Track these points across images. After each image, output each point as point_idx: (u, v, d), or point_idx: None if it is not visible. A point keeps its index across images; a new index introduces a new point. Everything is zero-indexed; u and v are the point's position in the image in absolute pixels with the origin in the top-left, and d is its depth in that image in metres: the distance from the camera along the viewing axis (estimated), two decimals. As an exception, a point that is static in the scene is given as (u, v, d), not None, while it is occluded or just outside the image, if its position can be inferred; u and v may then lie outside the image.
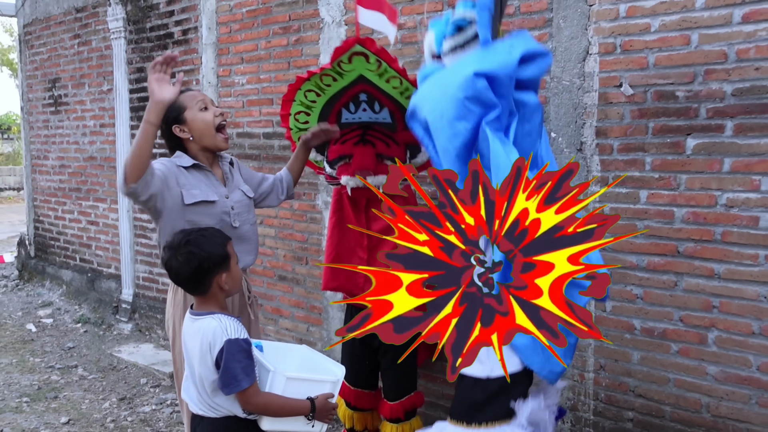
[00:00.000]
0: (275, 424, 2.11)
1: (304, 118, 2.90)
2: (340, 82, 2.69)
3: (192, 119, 2.50)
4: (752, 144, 2.50)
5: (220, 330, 2.02)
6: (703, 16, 2.57)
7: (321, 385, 2.17)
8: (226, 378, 2.00)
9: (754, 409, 2.57)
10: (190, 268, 2.08)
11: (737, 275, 2.57)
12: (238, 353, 2.01)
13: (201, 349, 2.04)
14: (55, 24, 6.30)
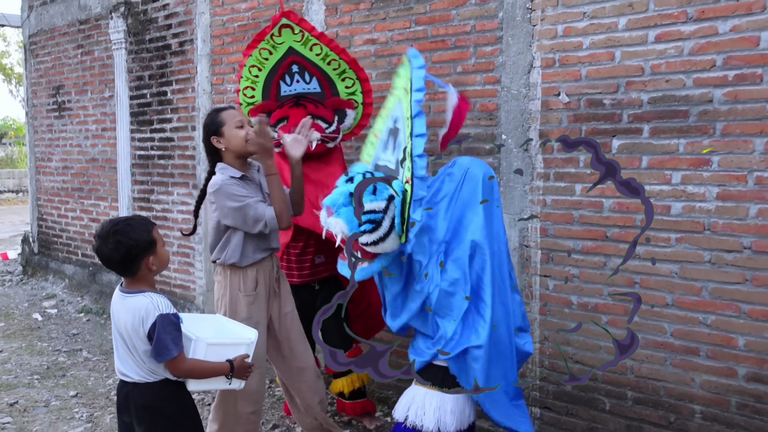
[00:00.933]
0: (200, 384, 2.40)
1: (251, 93, 3.45)
2: (275, 55, 3.31)
3: (228, 134, 2.93)
4: (664, 144, 2.96)
5: (153, 306, 2.23)
6: (624, 36, 3.03)
7: (237, 347, 2.43)
8: (159, 348, 2.22)
9: (669, 369, 3.02)
10: (119, 255, 2.25)
11: (654, 255, 3.02)
12: (169, 326, 2.23)
13: (134, 322, 2.24)
14: (59, 35, 6.74)
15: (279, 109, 3.40)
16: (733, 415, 2.86)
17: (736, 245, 2.81)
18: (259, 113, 3.38)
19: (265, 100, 3.43)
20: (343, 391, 3.62)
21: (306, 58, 3.33)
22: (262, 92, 3.43)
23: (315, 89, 3.41)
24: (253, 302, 2.98)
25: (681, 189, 2.93)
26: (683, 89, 2.89)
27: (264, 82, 3.39)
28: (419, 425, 2.41)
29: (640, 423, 3.11)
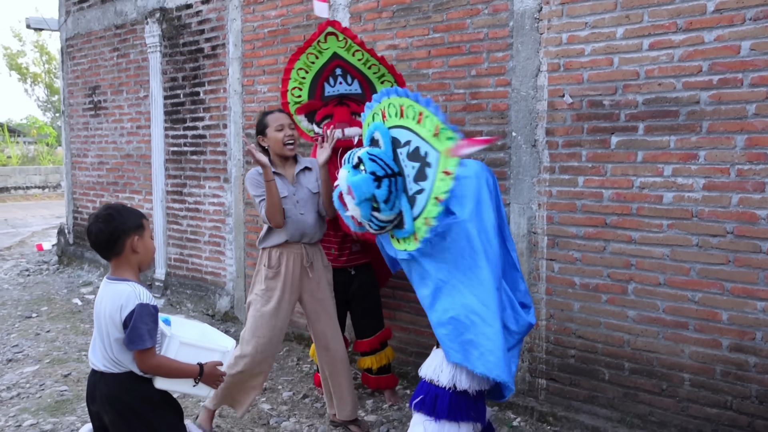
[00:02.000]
0: (166, 383, 2.32)
1: (298, 93, 3.85)
2: (320, 59, 3.72)
3: (270, 135, 3.45)
4: (657, 140, 3.32)
5: (134, 294, 2.22)
6: (621, 44, 3.39)
7: (211, 353, 2.40)
8: (133, 336, 2.18)
9: (661, 342, 3.38)
10: (107, 231, 2.27)
11: (648, 240, 3.38)
12: (147, 316, 2.20)
13: (112, 308, 2.22)
14: (96, 38, 7.16)
15: (324, 108, 3.79)
16: (718, 382, 3.22)
17: (720, 230, 3.16)
18: (305, 111, 3.81)
19: (311, 100, 3.82)
20: (371, 367, 3.98)
21: (349, 62, 3.71)
22: (308, 92, 3.82)
23: (356, 90, 3.79)
24: (273, 277, 3.44)
25: (672, 180, 3.28)
26: (674, 92, 3.24)
27: (310, 83, 3.79)
28: (436, 381, 2.79)
29: (636, 391, 3.47)
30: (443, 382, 2.77)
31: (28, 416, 3.78)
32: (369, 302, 3.96)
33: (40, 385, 4.26)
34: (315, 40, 3.63)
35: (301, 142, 4.97)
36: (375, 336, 3.98)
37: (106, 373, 2.27)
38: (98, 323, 2.29)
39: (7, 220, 13.14)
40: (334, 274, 3.79)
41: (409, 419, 3.71)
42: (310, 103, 3.84)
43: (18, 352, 4.92)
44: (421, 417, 2.80)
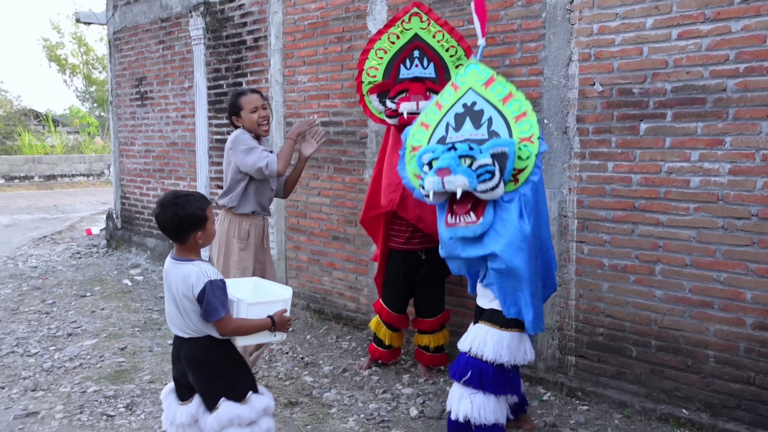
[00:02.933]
0: (246, 339, 2.69)
1: (373, 72, 4.05)
2: (401, 39, 3.96)
3: (244, 116, 3.75)
4: (685, 127, 3.45)
5: (202, 273, 2.50)
6: (651, 34, 3.52)
7: (275, 305, 2.71)
8: (209, 310, 2.49)
9: (687, 320, 3.52)
10: (173, 224, 2.54)
11: (675, 223, 3.52)
12: (217, 290, 2.50)
13: (184, 288, 2.51)
14: (142, 32, 7.48)
15: (400, 84, 3.96)
16: (742, 359, 3.36)
17: (745, 213, 3.29)
18: (377, 91, 4.01)
19: (385, 80, 4.01)
20: (428, 345, 4.19)
21: (428, 44, 3.92)
22: (384, 72, 4.02)
23: (430, 74, 3.97)
24: (244, 249, 3.75)
25: (698, 165, 3.41)
26: (701, 80, 3.37)
27: (387, 63, 4.00)
28: (480, 355, 2.99)
29: (662, 367, 3.62)
30: (487, 356, 2.97)
31: (91, 384, 4.09)
32: (435, 286, 4.14)
33: (99, 356, 4.59)
34: (399, 20, 3.89)
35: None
36: (436, 318, 4.18)
37: (188, 338, 2.60)
38: (172, 297, 2.58)
39: (56, 206, 13.70)
40: (405, 257, 4.05)
41: (443, 393, 3.94)
42: (384, 82, 4.01)
43: (76, 327, 5.26)
44: (468, 390, 3.00)
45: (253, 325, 2.62)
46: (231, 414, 2.59)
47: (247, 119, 3.72)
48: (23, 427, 3.53)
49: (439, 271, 4.10)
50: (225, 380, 2.63)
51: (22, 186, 18.20)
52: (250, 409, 2.64)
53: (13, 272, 7.32)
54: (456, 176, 2.81)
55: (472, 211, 2.94)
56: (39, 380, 4.16)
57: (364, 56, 4.03)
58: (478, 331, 3.08)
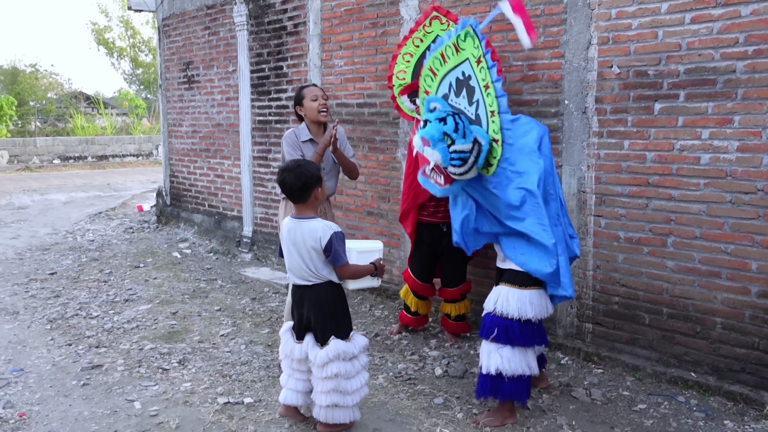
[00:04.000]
0: (355, 283, 3.27)
1: (403, 75, 4.40)
2: (425, 42, 4.27)
3: (306, 105, 4.07)
4: (696, 107, 3.64)
5: (327, 227, 3.07)
6: (665, 19, 3.71)
7: (374, 253, 3.31)
8: (336, 257, 3.08)
9: (697, 290, 3.74)
10: (300, 182, 3.09)
11: (686, 197, 3.73)
12: (340, 241, 3.09)
13: (312, 241, 3.05)
14: (189, 18, 7.88)
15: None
16: (747, 325, 3.57)
17: (752, 188, 3.48)
18: (408, 92, 4.35)
19: (414, 80, 4.33)
20: (450, 313, 4.52)
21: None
22: (412, 73, 4.35)
23: None
24: None
25: (709, 143, 3.61)
26: (712, 62, 3.55)
27: (414, 65, 4.33)
28: (505, 313, 3.28)
29: (672, 333, 3.85)
30: (512, 314, 3.26)
31: (147, 342, 4.53)
32: (455, 258, 4.42)
33: (153, 319, 5.03)
34: (421, 25, 4.20)
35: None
36: (457, 288, 4.49)
37: (311, 285, 3.14)
38: (299, 253, 3.11)
39: (109, 184, 14.42)
40: (429, 229, 4.39)
41: (467, 356, 4.26)
42: (413, 83, 4.33)
43: (132, 294, 5.73)
44: (495, 345, 3.28)
45: (362, 269, 3.20)
46: (338, 349, 3.11)
47: (309, 107, 4.05)
48: (90, 377, 3.97)
49: None
50: (336, 320, 3.16)
51: (77, 166, 19.09)
52: (353, 345, 3.17)
53: (72, 245, 7.88)
54: (433, 151, 3.13)
55: (444, 176, 3.29)
56: (101, 339, 4.62)
57: (393, 62, 4.37)
58: (500, 293, 3.35)
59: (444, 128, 3.12)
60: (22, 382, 3.91)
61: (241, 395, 3.67)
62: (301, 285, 3.18)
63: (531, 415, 3.46)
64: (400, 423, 3.38)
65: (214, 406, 3.56)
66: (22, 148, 18.81)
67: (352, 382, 3.15)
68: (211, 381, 3.89)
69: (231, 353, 4.33)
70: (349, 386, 3.14)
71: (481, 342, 3.38)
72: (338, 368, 3.10)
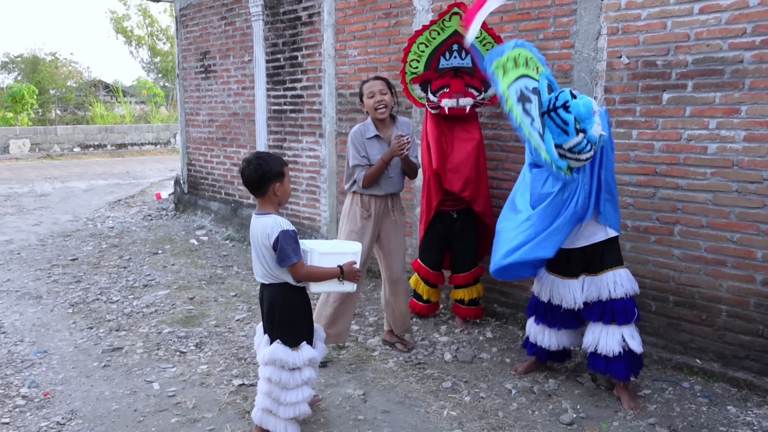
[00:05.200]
0: (319, 286, 3.04)
1: (416, 65, 4.44)
2: (442, 35, 4.34)
3: (365, 101, 4.03)
4: (704, 97, 3.68)
5: (276, 224, 2.89)
6: (674, 9, 3.74)
7: (344, 256, 3.05)
8: (282, 256, 2.88)
9: (702, 278, 3.79)
10: (257, 175, 2.93)
11: (693, 187, 3.77)
12: (289, 239, 2.88)
13: (262, 237, 2.91)
14: (206, 8, 7.98)
15: (441, 79, 4.35)
16: (752, 313, 3.62)
17: (758, 177, 3.52)
18: (419, 81, 4.43)
19: (426, 71, 4.40)
20: (463, 298, 4.62)
21: None
22: (425, 64, 4.41)
23: (468, 64, 4.35)
24: (367, 218, 4.03)
25: (716, 133, 3.65)
26: (720, 52, 3.58)
27: (428, 56, 4.39)
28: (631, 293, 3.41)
29: (678, 321, 3.91)
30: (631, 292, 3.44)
31: (165, 326, 4.67)
32: (467, 243, 4.54)
33: (171, 304, 5.17)
34: (441, 19, 4.27)
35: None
36: (469, 272, 4.59)
37: (269, 284, 3.03)
38: (255, 248, 2.99)
39: (128, 172, 14.63)
40: (440, 217, 4.47)
41: (476, 341, 4.35)
42: (425, 74, 4.41)
43: (151, 279, 5.88)
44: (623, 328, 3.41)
45: (323, 272, 2.99)
46: (275, 355, 2.97)
47: (367, 105, 4.00)
48: (111, 358, 4.12)
49: (470, 229, 4.51)
50: (284, 325, 3.02)
51: (96, 154, 19.36)
52: (295, 356, 3.00)
53: (93, 232, 8.06)
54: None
55: None
56: (121, 322, 4.77)
57: (407, 49, 4.41)
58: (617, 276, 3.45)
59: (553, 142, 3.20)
60: (46, 363, 4.06)
61: (255, 378, 3.79)
62: (262, 283, 3.08)
63: (537, 398, 3.55)
64: (408, 405, 3.48)
65: (230, 387, 3.68)
66: (44, 136, 19.11)
67: (288, 394, 3.01)
68: (227, 364, 4.01)
69: (246, 337, 4.46)
70: (284, 397, 3.00)
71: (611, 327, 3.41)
72: (271, 373, 2.99)
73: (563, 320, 3.61)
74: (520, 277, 3.65)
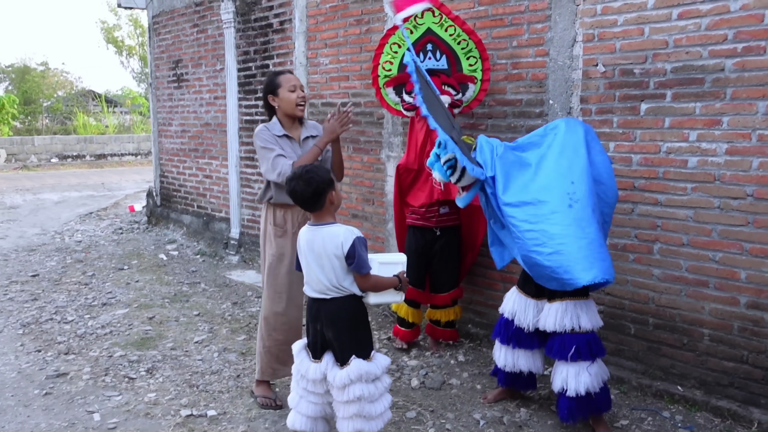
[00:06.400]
0: (378, 297, 2.93)
1: (389, 66, 4.19)
2: (414, 34, 4.07)
3: (282, 95, 3.51)
4: (684, 107, 3.46)
5: (349, 232, 2.78)
6: (652, 14, 3.53)
7: (396, 266, 2.98)
8: (360, 263, 2.76)
9: (684, 299, 3.56)
10: (311, 189, 2.80)
11: (673, 202, 3.55)
12: (363, 246, 2.79)
13: (333, 246, 2.76)
14: (178, 15, 7.74)
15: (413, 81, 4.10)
16: (735, 337, 3.39)
17: (741, 193, 3.30)
18: (393, 84, 4.15)
19: (400, 73, 4.14)
20: (439, 319, 4.33)
21: (440, 38, 4.06)
22: (399, 66, 4.15)
23: (443, 66, 4.11)
24: (281, 236, 3.53)
25: (696, 145, 3.43)
26: (700, 60, 3.37)
27: (402, 57, 4.12)
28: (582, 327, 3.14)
29: (659, 345, 3.68)
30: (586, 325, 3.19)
31: (118, 349, 4.39)
32: (448, 262, 4.25)
33: (128, 324, 4.90)
34: (412, 16, 3.99)
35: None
36: (449, 293, 4.29)
37: (329, 298, 2.85)
38: (318, 262, 2.82)
39: (103, 184, 14.31)
40: (422, 232, 4.18)
41: (446, 365, 4.10)
42: (399, 76, 4.15)
43: (111, 297, 5.60)
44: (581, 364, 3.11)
45: (386, 282, 2.90)
46: (360, 370, 2.83)
47: (285, 99, 3.50)
48: (53, 385, 3.84)
49: (453, 248, 4.24)
50: (357, 338, 2.89)
51: (74, 165, 19.02)
52: (375, 366, 2.89)
53: (59, 246, 7.77)
54: (435, 173, 3.26)
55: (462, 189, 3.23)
56: (72, 345, 4.49)
57: (379, 50, 4.16)
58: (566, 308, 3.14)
59: (435, 150, 3.20)
60: (-16, 390, 3.78)
61: (206, 407, 3.53)
62: (318, 298, 2.88)
63: (507, 430, 3.30)
64: (367, 438, 3.22)
65: (176, 418, 3.41)
66: (20, 146, 18.79)
67: (375, 406, 2.88)
68: (177, 391, 3.74)
69: (202, 361, 4.19)
70: (373, 410, 2.86)
71: (556, 363, 3.20)
72: (361, 390, 2.83)
73: (517, 337, 3.35)
74: None
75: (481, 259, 4.44)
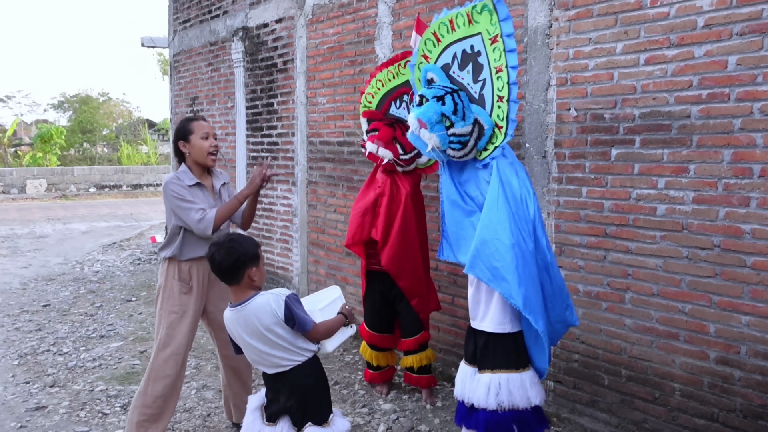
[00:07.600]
0: (333, 341, 2.87)
1: (370, 99, 4.27)
2: (395, 81, 4.16)
3: (194, 142, 3.36)
4: (652, 153, 3.39)
5: (275, 297, 2.64)
6: (620, 59, 3.48)
7: (335, 303, 2.98)
8: (302, 322, 2.67)
9: (654, 351, 3.44)
10: (230, 260, 2.63)
11: (643, 251, 3.45)
12: (296, 303, 2.67)
13: (268, 318, 2.62)
14: (195, 54, 8.00)
15: (378, 121, 4.17)
16: (706, 393, 3.24)
17: (708, 243, 3.19)
18: (368, 116, 4.24)
19: (376, 110, 4.23)
20: (412, 366, 4.21)
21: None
22: (377, 103, 4.24)
23: None
24: (187, 293, 3.35)
25: (665, 193, 3.34)
26: (667, 105, 3.30)
27: (381, 96, 4.22)
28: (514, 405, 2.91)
29: (631, 398, 3.54)
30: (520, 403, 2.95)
31: (101, 383, 4.48)
32: (409, 306, 4.15)
33: (119, 358, 4.99)
34: (397, 62, 4.10)
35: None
36: (414, 338, 4.19)
37: (292, 368, 2.71)
38: (263, 339, 2.66)
39: (132, 215, 14.73)
40: (380, 276, 4.14)
41: (420, 410, 4.04)
42: (373, 111, 4.23)
43: (111, 329, 5.73)
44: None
45: (335, 323, 2.86)
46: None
47: (197, 146, 3.35)
48: (30, 419, 3.93)
49: None
50: (316, 403, 2.77)
51: (111, 194, 19.69)
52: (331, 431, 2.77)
53: (77, 276, 8.01)
54: (431, 135, 2.88)
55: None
56: (59, 377, 4.60)
57: (368, 81, 4.24)
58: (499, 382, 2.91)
59: (443, 109, 2.85)
60: (-36, 421, 3.90)
61: (168, 446, 3.56)
62: (277, 373, 2.75)
63: (461, 483, 3.22)
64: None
65: (136, 457, 3.44)
66: (61, 176, 19.59)
67: None
68: (145, 429, 3.78)
69: (179, 398, 4.22)
70: None
71: None
72: None
73: (458, 409, 3.16)
74: None
75: (460, 300, 4.38)
